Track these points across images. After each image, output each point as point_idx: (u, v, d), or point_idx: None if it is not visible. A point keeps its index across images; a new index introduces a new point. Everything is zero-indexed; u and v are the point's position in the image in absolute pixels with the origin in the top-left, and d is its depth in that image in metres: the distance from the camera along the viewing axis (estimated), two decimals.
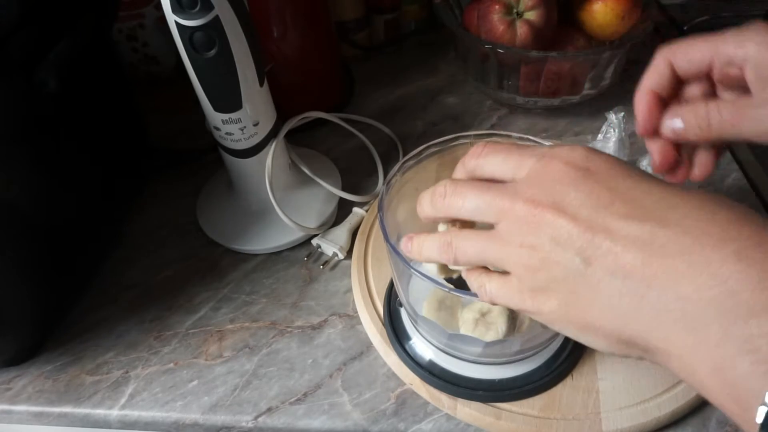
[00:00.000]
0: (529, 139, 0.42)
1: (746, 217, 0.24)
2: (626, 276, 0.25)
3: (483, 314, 0.38)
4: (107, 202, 0.54)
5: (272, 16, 0.59)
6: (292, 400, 0.43)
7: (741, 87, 0.34)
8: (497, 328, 0.37)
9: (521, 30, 0.60)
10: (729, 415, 0.23)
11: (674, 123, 0.35)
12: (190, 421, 0.43)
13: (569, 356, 0.42)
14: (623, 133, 0.47)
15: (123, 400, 0.44)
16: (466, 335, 0.39)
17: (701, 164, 0.38)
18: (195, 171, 0.61)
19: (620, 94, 0.68)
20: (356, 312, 0.48)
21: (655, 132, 0.36)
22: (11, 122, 0.39)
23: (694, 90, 0.37)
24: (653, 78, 0.36)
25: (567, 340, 0.43)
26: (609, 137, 0.48)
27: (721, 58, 0.34)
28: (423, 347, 0.43)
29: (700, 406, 0.41)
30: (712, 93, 0.37)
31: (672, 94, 0.37)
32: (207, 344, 0.47)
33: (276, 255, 0.54)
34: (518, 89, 0.64)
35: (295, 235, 0.53)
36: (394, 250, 0.35)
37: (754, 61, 0.32)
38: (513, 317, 0.38)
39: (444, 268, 0.34)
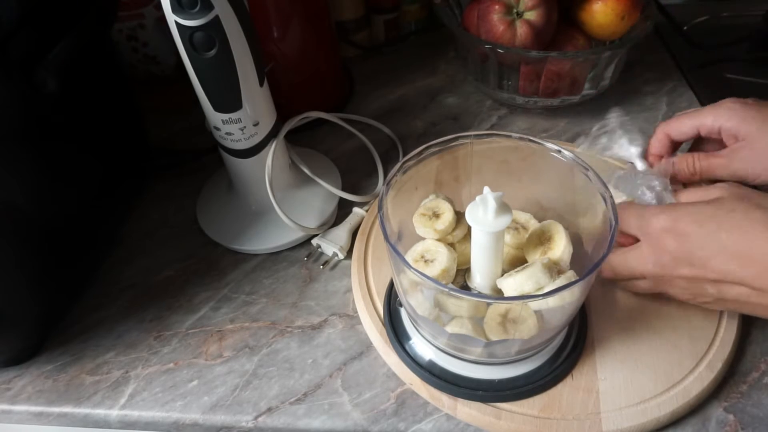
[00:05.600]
0: (529, 139, 0.42)
1: None
2: None
3: (503, 315, 0.38)
4: (107, 202, 0.54)
5: (272, 16, 0.59)
6: (292, 400, 0.43)
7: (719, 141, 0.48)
8: (528, 325, 0.37)
9: (521, 30, 0.60)
10: None
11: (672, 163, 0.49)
12: (190, 421, 0.43)
13: (569, 356, 0.42)
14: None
15: (123, 400, 0.44)
16: (466, 335, 0.39)
17: None
18: (195, 171, 0.61)
19: (620, 94, 0.68)
20: (356, 312, 0.48)
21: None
22: (11, 122, 0.39)
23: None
24: (656, 146, 0.50)
25: (567, 339, 0.43)
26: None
27: (704, 129, 0.47)
28: (423, 347, 0.43)
29: (700, 406, 0.41)
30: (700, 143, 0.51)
31: (672, 150, 0.51)
32: (207, 344, 0.47)
33: (276, 255, 0.54)
34: (518, 89, 0.64)
35: (295, 235, 0.53)
36: (394, 250, 0.35)
37: (725, 127, 0.46)
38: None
39: None
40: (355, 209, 0.55)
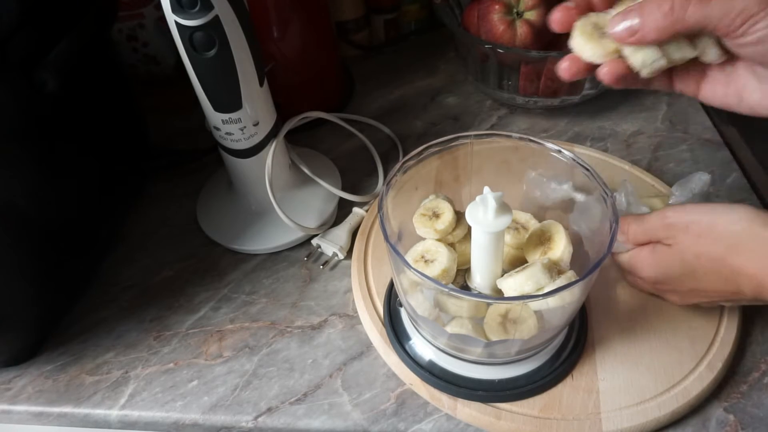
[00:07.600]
0: (529, 139, 0.42)
1: None
2: None
3: (503, 315, 0.38)
4: (107, 202, 0.54)
5: (272, 16, 0.59)
6: (292, 400, 0.43)
7: None
8: (529, 324, 0.37)
9: (521, 30, 0.60)
10: None
11: (631, 20, 0.33)
12: (190, 421, 0.43)
13: (569, 356, 0.42)
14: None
15: (123, 400, 0.44)
16: (466, 335, 0.39)
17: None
18: (195, 171, 0.61)
19: (620, 94, 0.68)
20: (356, 312, 0.48)
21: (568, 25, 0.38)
22: (11, 122, 0.39)
23: None
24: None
25: (567, 339, 0.43)
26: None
27: None
28: (423, 347, 0.43)
29: (700, 406, 0.41)
30: None
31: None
32: (207, 344, 0.47)
33: (276, 255, 0.54)
34: (518, 89, 0.64)
35: (295, 235, 0.53)
36: (394, 250, 0.35)
37: None
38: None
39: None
40: (355, 209, 0.55)
